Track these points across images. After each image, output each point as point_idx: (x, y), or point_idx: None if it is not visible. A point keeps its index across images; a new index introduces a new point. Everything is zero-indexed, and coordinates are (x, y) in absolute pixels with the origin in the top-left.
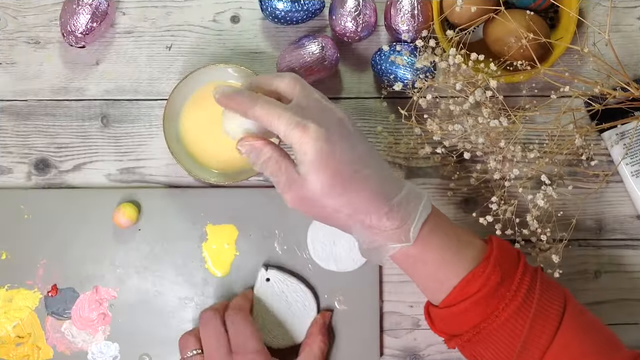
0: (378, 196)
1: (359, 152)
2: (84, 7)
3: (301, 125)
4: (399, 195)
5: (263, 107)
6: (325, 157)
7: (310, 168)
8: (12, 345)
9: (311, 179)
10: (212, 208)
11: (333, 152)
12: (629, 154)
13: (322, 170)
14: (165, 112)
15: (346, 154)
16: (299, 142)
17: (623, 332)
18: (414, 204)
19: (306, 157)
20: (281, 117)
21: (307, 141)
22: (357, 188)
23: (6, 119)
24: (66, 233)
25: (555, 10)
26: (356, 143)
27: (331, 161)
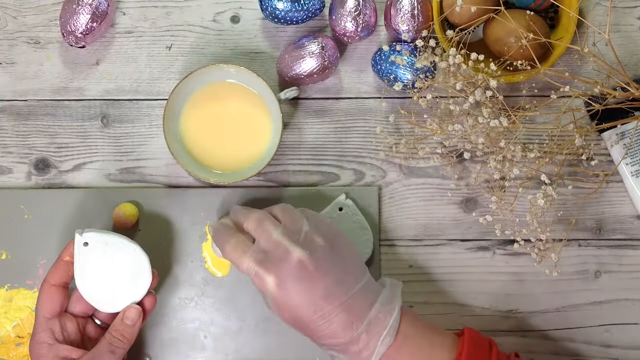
0: (341, 330)
1: (319, 291)
2: (84, 7)
3: (258, 276)
4: (363, 324)
5: (229, 252)
6: (281, 303)
7: (272, 307)
8: (12, 345)
9: (275, 313)
10: (212, 208)
11: (288, 299)
12: (629, 154)
13: (281, 313)
14: (165, 112)
15: (304, 298)
16: (259, 288)
17: (623, 332)
18: (377, 332)
19: (267, 300)
20: (242, 265)
21: (265, 290)
22: (318, 326)
23: (6, 119)
24: (66, 233)
25: (555, 10)
26: (317, 281)
27: (287, 307)
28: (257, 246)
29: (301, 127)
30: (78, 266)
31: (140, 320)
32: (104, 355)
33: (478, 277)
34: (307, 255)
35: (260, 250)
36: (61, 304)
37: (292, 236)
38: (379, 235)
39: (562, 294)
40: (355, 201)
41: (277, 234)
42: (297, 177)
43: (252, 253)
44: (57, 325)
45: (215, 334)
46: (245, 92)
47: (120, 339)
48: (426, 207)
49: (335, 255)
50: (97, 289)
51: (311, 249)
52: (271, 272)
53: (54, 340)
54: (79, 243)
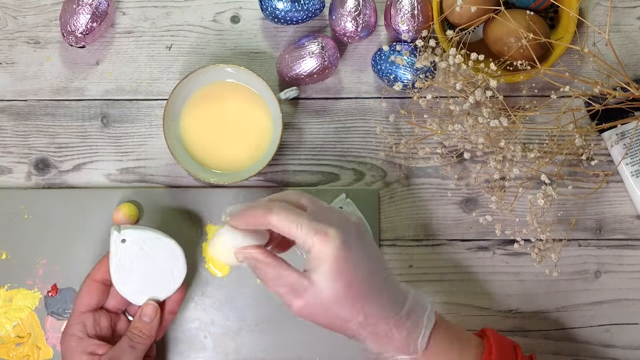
0: (388, 306)
1: (372, 259)
2: (84, 7)
3: (321, 231)
4: (407, 305)
5: (280, 214)
6: (342, 265)
7: (326, 276)
8: (12, 345)
9: (326, 286)
10: (212, 208)
11: (350, 260)
12: (629, 154)
13: (339, 279)
14: (165, 112)
15: (362, 263)
16: (319, 248)
17: (623, 332)
18: (420, 314)
19: (324, 265)
20: (299, 224)
21: (327, 248)
22: (370, 299)
23: (6, 119)
24: (66, 233)
25: (555, 10)
26: (370, 250)
27: (348, 269)
28: (310, 210)
29: (301, 127)
30: (114, 262)
31: (157, 316)
32: (125, 351)
33: (478, 277)
34: (361, 222)
35: (315, 213)
36: (98, 300)
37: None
38: (379, 235)
39: (562, 294)
40: (355, 201)
41: (326, 204)
42: (297, 177)
43: (308, 215)
44: (90, 319)
45: (215, 334)
46: (245, 92)
47: (139, 335)
48: (426, 207)
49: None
50: (133, 284)
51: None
52: (334, 227)
53: (84, 334)
54: (116, 240)
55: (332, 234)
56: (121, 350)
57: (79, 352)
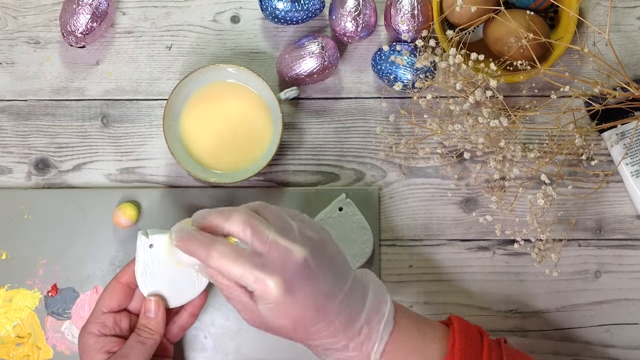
0: (341, 329)
1: (323, 289)
2: (84, 7)
3: (259, 280)
4: (361, 319)
5: (218, 260)
6: (285, 308)
7: (270, 314)
8: (12, 345)
9: (272, 321)
10: (212, 208)
11: (294, 302)
12: (629, 154)
13: (283, 318)
14: (165, 112)
15: (308, 299)
16: (259, 294)
17: (623, 332)
18: (376, 323)
19: (267, 306)
20: (237, 270)
21: (267, 296)
22: (320, 327)
23: (6, 119)
24: (66, 233)
25: (555, 10)
26: (320, 278)
27: (292, 310)
28: (251, 249)
29: (301, 127)
30: (140, 266)
31: (162, 310)
32: (135, 347)
33: (478, 277)
34: (308, 252)
35: (256, 254)
36: (120, 302)
37: (287, 234)
38: (379, 235)
39: (562, 294)
40: (355, 201)
41: (272, 234)
42: (297, 177)
43: (249, 257)
44: (110, 320)
45: (215, 334)
46: (245, 92)
47: (146, 331)
48: (426, 207)
49: (327, 249)
50: (158, 287)
51: (309, 245)
52: (275, 275)
53: (102, 333)
54: (144, 245)
55: (272, 284)
56: (130, 346)
57: (96, 349)
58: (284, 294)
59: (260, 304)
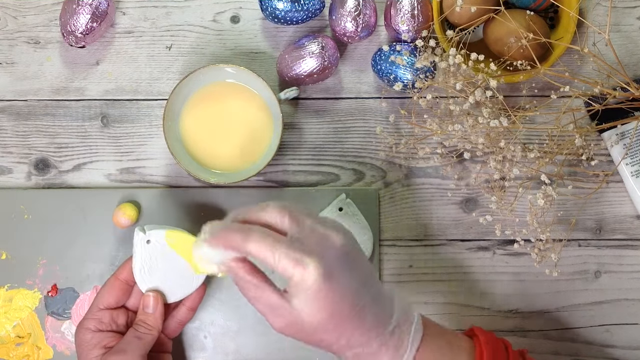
0: (374, 327)
1: (358, 282)
2: (84, 7)
3: (300, 263)
4: (392, 322)
5: (256, 244)
6: (323, 296)
7: (307, 305)
8: (12, 345)
9: (307, 315)
10: (212, 208)
11: (332, 290)
12: (629, 154)
13: (320, 309)
14: (165, 112)
15: (345, 289)
16: (298, 280)
17: (623, 332)
18: (406, 329)
19: (304, 295)
20: (277, 253)
21: (307, 280)
22: (354, 323)
23: (6, 119)
24: (66, 233)
25: (555, 10)
26: (355, 270)
27: (329, 299)
28: (290, 235)
29: (301, 127)
30: (138, 262)
31: (160, 305)
32: (132, 342)
33: (478, 277)
34: (345, 240)
35: (295, 239)
36: (117, 299)
37: (323, 223)
38: (379, 235)
39: (562, 294)
40: (355, 201)
41: (309, 221)
42: (297, 177)
43: (287, 241)
44: (107, 316)
45: (215, 334)
46: (245, 92)
47: (144, 326)
48: (426, 207)
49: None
50: (156, 283)
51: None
52: (315, 257)
53: (98, 329)
54: (141, 241)
55: (312, 266)
56: (127, 341)
57: (92, 345)
58: (324, 279)
59: (295, 298)
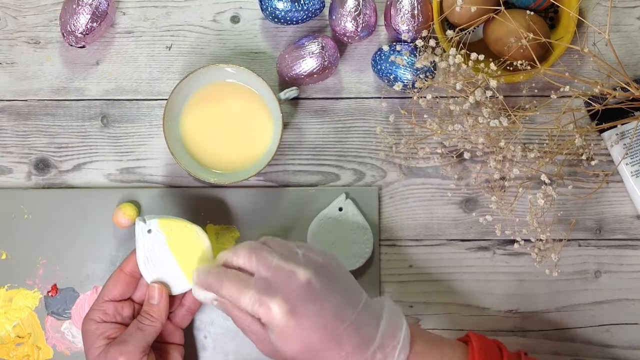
0: (353, 352)
1: (330, 310)
2: (84, 7)
3: (263, 304)
4: (375, 343)
5: (227, 290)
6: (292, 331)
7: (279, 340)
8: (12, 345)
9: (281, 348)
10: (212, 208)
11: (300, 325)
12: (629, 154)
13: (292, 343)
14: (165, 112)
15: (315, 321)
16: (266, 320)
17: (623, 332)
18: (391, 348)
19: (274, 332)
20: (243, 298)
21: (272, 320)
22: (331, 351)
23: (6, 119)
24: (66, 233)
25: (555, 10)
26: (327, 300)
27: (299, 334)
28: (257, 275)
29: (301, 127)
30: (141, 253)
31: (164, 297)
32: (134, 333)
33: (478, 277)
34: (313, 274)
35: (262, 279)
36: (122, 292)
37: (291, 258)
38: (379, 235)
39: (562, 294)
40: (355, 201)
41: (276, 259)
42: (297, 177)
43: (255, 283)
44: (111, 308)
45: (215, 334)
46: (245, 92)
47: (147, 318)
48: (426, 207)
49: (335, 273)
50: (160, 273)
51: (313, 267)
52: (278, 297)
53: (103, 320)
54: (142, 231)
55: (275, 307)
56: (129, 333)
57: (96, 335)
58: (288, 317)
59: (270, 333)
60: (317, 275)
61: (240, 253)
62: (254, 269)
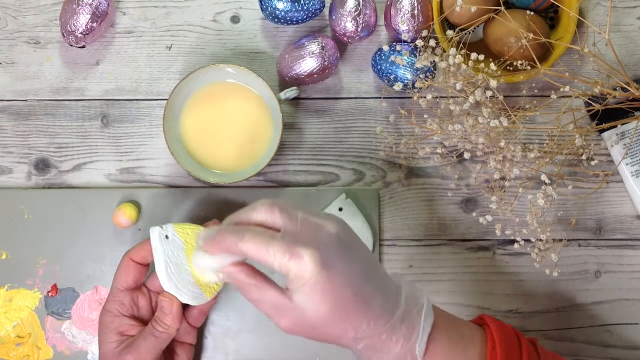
0: (381, 315)
1: (358, 269)
2: (84, 7)
3: (294, 254)
4: (400, 308)
5: (250, 243)
6: (323, 286)
7: (308, 298)
8: (12, 345)
9: (310, 309)
10: (212, 208)
11: (331, 279)
12: (629, 154)
13: (321, 300)
14: (165, 112)
15: (345, 277)
16: (295, 273)
17: (623, 332)
18: (416, 315)
19: (304, 288)
20: (271, 249)
21: (304, 272)
22: (359, 312)
23: (6, 119)
24: (66, 233)
25: (555, 10)
26: (354, 258)
27: (330, 289)
28: (283, 229)
29: (301, 127)
30: (161, 260)
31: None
32: (148, 339)
33: (478, 277)
34: (340, 228)
35: (288, 233)
36: (136, 280)
37: (315, 214)
38: (379, 235)
39: (562, 294)
40: (355, 201)
41: (300, 213)
42: (297, 177)
43: (281, 236)
44: (127, 298)
45: (215, 334)
46: (245, 92)
47: (161, 325)
48: (426, 207)
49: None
50: (178, 279)
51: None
52: (310, 247)
53: (120, 312)
54: (160, 236)
55: (307, 257)
56: (143, 338)
57: (111, 329)
58: (321, 269)
59: (296, 293)
60: (343, 231)
61: (260, 208)
62: (278, 224)
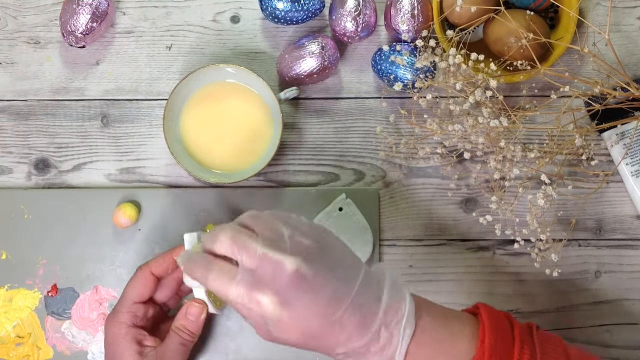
0: (356, 333)
1: (325, 296)
2: (84, 7)
3: (253, 300)
4: (378, 318)
5: (214, 282)
6: (287, 323)
7: (276, 331)
8: (12, 345)
9: (279, 336)
10: (212, 208)
11: (293, 317)
12: (629, 154)
13: (289, 333)
14: (165, 112)
15: (310, 309)
16: (258, 314)
17: (623, 332)
18: (396, 323)
19: (269, 324)
20: (233, 293)
21: (264, 314)
22: (330, 336)
23: (6, 119)
24: (66, 233)
25: (555, 10)
26: (320, 285)
27: (294, 325)
28: (242, 268)
29: (301, 127)
30: None
31: (203, 315)
32: (177, 348)
33: (478, 277)
34: (301, 262)
35: (247, 271)
36: (151, 293)
37: (277, 245)
38: (379, 235)
39: (562, 294)
40: (355, 201)
41: (259, 247)
42: (297, 177)
43: (240, 277)
44: (141, 310)
45: (215, 334)
46: (245, 92)
47: (187, 333)
48: (426, 207)
49: (328, 253)
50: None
51: (302, 253)
52: (267, 291)
53: (133, 323)
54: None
55: (264, 302)
56: (172, 347)
57: (129, 339)
58: (281, 310)
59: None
60: (306, 262)
61: (221, 241)
62: (238, 259)
